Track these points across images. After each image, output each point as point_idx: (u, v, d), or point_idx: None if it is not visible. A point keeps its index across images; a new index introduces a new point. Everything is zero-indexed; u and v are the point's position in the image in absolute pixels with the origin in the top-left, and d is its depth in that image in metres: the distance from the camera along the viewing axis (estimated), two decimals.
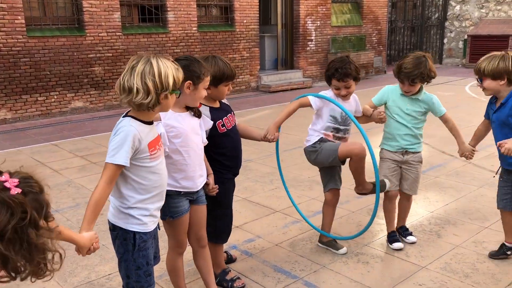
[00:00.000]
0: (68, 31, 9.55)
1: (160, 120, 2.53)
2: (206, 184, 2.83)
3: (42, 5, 9.35)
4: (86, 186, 5.24)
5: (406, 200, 3.78)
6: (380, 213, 4.39)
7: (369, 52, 15.23)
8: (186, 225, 2.74)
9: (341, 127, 3.42)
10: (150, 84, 2.13)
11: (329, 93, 3.44)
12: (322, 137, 3.40)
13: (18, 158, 6.47)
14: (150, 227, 2.32)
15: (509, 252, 3.47)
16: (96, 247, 2.11)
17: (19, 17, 8.85)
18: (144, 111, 2.21)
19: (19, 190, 1.36)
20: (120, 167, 2.16)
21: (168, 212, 2.64)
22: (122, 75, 2.20)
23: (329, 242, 3.69)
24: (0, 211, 1.31)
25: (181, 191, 2.65)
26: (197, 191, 2.74)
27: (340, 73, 3.27)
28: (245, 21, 12.19)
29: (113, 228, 2.31)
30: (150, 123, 2.29)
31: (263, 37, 13.56)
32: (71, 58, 9.56)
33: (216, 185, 2.88)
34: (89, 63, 9.82)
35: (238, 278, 3.19)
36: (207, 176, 2.85)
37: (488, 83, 3.22)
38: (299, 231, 4.00)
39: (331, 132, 3.42)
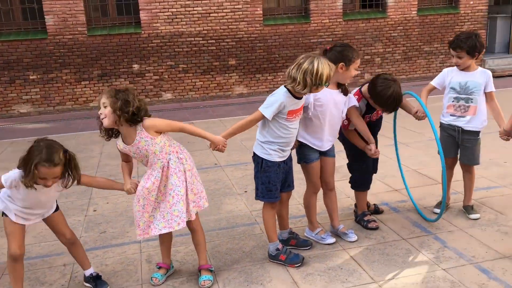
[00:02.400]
0: (296, 19, 10.99)
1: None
2: (369, 150, 3.58)
3: None
4: None
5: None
6: None
7: None
8: (317, 170, 3.55)
9: (462, 96, 3.73)
10: (308, 81, 2.97)
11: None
12: (441, 123, 3.91)
13: None
14: (275, 159, 3.23)
15: None
16: (222, 149, 3.14)
17: (258, 9, 10.67)
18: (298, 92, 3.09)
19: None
20: (264, 117, 3.13)
21: (303, 158, 3.53)
22: (291, 67, 3.07)
23: (465, 207, 4.04)
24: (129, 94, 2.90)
25: (316, 149, 3.49)
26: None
27: (454, 42, 3.70)
28: (471, 2, 11.66)
29: (253, 154, 3.33)
30: (299, 98, 3.14)
31: (495, 18, 12.69)
32: (296, 43, 11.00)
33: (378, 150, 3.62)
34: (311, 48, 11.11)
35: (374, 221, 3.87)
36: (370, 144, 3.58)
37: None
38: (453, 201, 4.29)
39: (452, 102, 3.80)
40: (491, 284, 3.01)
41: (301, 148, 3.50)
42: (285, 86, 3.14)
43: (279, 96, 3.09)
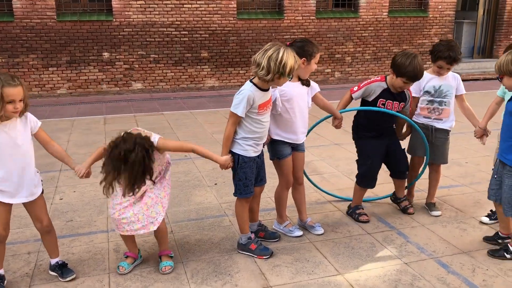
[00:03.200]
0: (269, 14, 11.04)
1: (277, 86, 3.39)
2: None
3: None
4: None
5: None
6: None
7: None
8: (290, 166, 3.60)
9: (436, 99, 3.90)
10: (272, 66, 2.99)
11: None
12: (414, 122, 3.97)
13: (215, 116, 8.15)
14: (250, 154, 3.27)
15: (500, 241, 3.50)
16: (231, 165, 3.23)
17: (232, 2, 10.64)
18: (263, 82, 3.11)
19: None
20: (239, 116, 3.14)
21: (276, 154, 3.58)
22: (258, 52, 3.09)
23: (428, 204, 4.19)
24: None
25: (285, 141, 3.53)
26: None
27: (451, 57, 3.76)
28: (440, 7, 11.99)
29: (230, 151, 3.33)
30: (265, 90, 3.18)
31: (461, 23, 13.09)
32: (270, 38, 11.04)
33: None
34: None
35: (365, 214, 4.01)
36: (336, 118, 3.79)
37: (505, 81, 3.24)
38: (416, 198, 4.44)
39: (426, 105, 3.94)
40: (449, 277, 3.14)
41: (274, 145, 3.55)
42: (250, 81, 3.17)
43: (246, 92, 3.12)
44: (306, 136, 3.69)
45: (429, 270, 3.23)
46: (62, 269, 3.20)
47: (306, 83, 3.54)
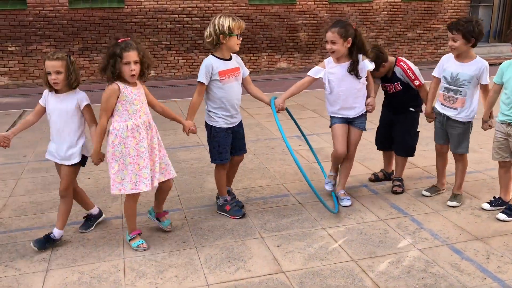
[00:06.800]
0: (281, 0, 10.93)
1: (324, 68, 3.80)
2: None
3: None
4: (269, 128, 6.46)
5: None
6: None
7: None
8: (338, 132, 3.90)
9: (451, 87, 3.81)
10: (211, 29, 3.45)
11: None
12: (434, 108, 4.05)
13: None
14: (222, 125, 3.65)
15: None
16: (194, 130, 3.62)
17: None
18: (218, 50, 3.52)
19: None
20: (203, 84, 3.52)
21: (331, 123, 4.03)
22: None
23: (453, 193, 4.11)
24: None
25: (336, 116, 3.95)
26: (354, 117, 3.92)
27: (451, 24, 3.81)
28: None
29: (205, 123, 3.74)
30: (226, 59, 3.55)
31: (477, 7, 12.85)
32: (281, 24, 10.97)
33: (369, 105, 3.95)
34: (295, 29, 11.10)
35: (400, 186, 4.29)
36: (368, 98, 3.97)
37: None
38: (430, 184, 4.41)
39: (443, 91, 3.90)
40: (463, 264, 3.13)
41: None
42: (211, 54, 3.59)
43: (205, 61, 3.54)
44: None
45: (442, 257, 3.22)
46: (45, 240, 3.42)
47: (352, 70, 3.74)
